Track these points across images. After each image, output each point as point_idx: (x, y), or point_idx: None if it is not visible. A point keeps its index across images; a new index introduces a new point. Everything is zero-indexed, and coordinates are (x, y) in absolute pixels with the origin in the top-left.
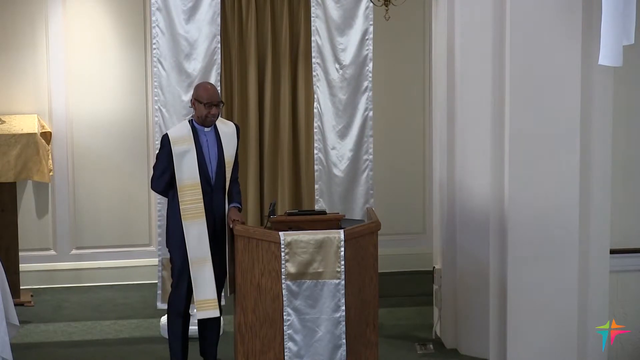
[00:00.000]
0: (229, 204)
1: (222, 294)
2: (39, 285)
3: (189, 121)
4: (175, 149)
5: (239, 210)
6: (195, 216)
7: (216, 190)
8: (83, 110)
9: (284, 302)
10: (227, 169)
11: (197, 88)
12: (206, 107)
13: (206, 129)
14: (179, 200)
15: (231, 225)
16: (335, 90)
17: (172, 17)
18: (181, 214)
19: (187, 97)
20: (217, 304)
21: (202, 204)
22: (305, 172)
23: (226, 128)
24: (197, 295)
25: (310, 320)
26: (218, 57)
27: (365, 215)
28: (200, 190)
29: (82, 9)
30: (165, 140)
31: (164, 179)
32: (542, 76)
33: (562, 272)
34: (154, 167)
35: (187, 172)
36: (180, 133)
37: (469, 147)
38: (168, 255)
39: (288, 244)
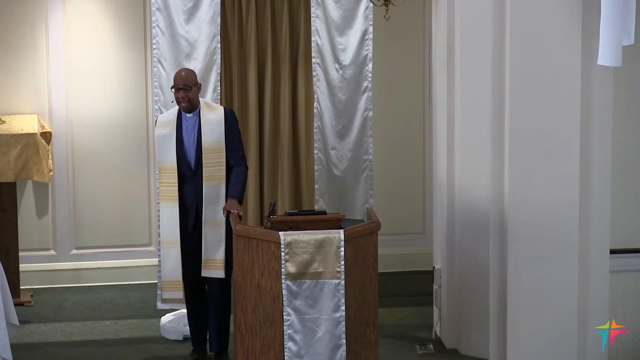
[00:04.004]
0: (226, 194)
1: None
2: (39, 285)
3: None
4: (158, 132)
5: (240, 202)
6: (169, 199)
7: (198, 176)
8: (83, 110)
9: (284, 302)
10: (206, 155)
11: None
12: (176, 91)
13: (188, 115)
14: (160, 180)
15: (223, 214)
16: (335, 91)
17: (172, 17)
18: (159, 195)
19: None
20: (181, 286)
21: (177, 188)
22: (305, 172)
23: (212, 114)
24: (163, 275)
25: (310, 320)
26: (218, 57)
27: (365, 215)
28: (176, 174)
29: (82, 9)
30: (156, 124)
31: None
32: (542, 76)
33: (562, 271)
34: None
35: (166, 156)
36: (167, 117)
37: (469, 147)
38: None
39: (288, 244)
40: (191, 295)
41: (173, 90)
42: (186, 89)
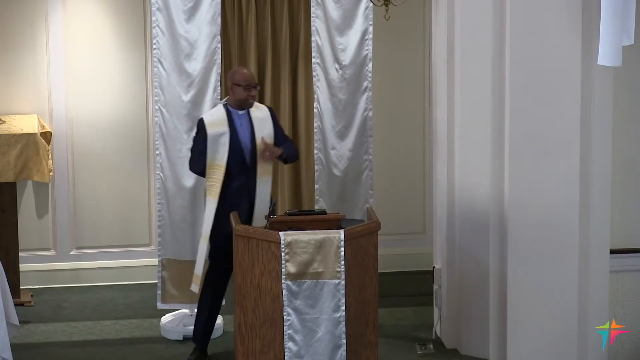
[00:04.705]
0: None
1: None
2: (39, 285)
3: (223, 105)
4: (211, 131)
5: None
6: (212, 194)
7: (252, 172)
8: (83, 110)
9: (284, 302)
10: (259, 152)
11: (234, 73)
12: (245, 89)
13: (240, 112)
14: (207, 176)
15: (262, 148)
16: (335, 90)
17: (172, 17)
18: (206, 189)
19: (187, 97)
20: (199, 280)
21: (220, 184)
22: (305, 172)
23: (259, 112)
24: (195, 268)
25: (310, 320)
26: (218, 57)
27: (365, 215)
28: (224, 172)
29: (82, 9)
30: (200, 124)
31: (201, 161)
32: (542, 76)
33: (562, 272)
34: (191, 150)
35: (219, 154)
36: (216, 117)
37: (469, 147)
38: (168, 256)
39: (288, 244)
40: (214, 296)
41: (242, 88)
42: (256, 87)
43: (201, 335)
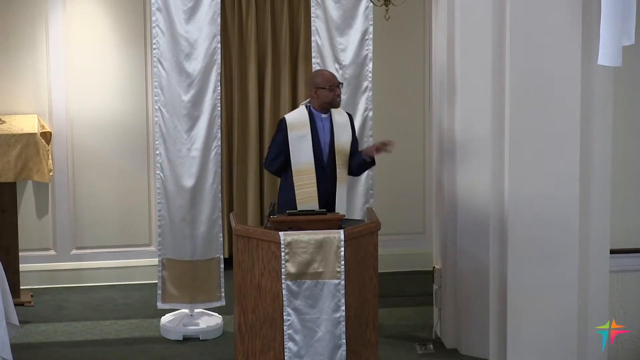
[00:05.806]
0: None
1: None
2: (39, 285)
3: (306, 107)
4: (292, 134)
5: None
6: (309, 200)
7: (329, 176)
8: (83, 110)
9: (284, 302)
10: (339, 157)
11: (315, 77)
12: (330, 90)
13: (323, 116)
14: (294, 184)
15: (378, 150)
16: None
17: (172, 17)
18: (296, 197)
19: (187, 97)
20: None
21: (316, 188)
22: None
23: (340, 117)
24: None
25: (310, 320)
26: (218, 57)
27: (365, 215)
28: (315, 175)
29: (82, 9)
30: (282, 125)
31: (278, 160)
32: (542, 76)
33: (562, 272)
34: (269, 148)
35: (304, 157)
36: (298, 118)
37: (469, 147)
38: (168, 255)
39: (288, 244)
40: None
41: (326, 90)
42: (340, 86)
43: None
